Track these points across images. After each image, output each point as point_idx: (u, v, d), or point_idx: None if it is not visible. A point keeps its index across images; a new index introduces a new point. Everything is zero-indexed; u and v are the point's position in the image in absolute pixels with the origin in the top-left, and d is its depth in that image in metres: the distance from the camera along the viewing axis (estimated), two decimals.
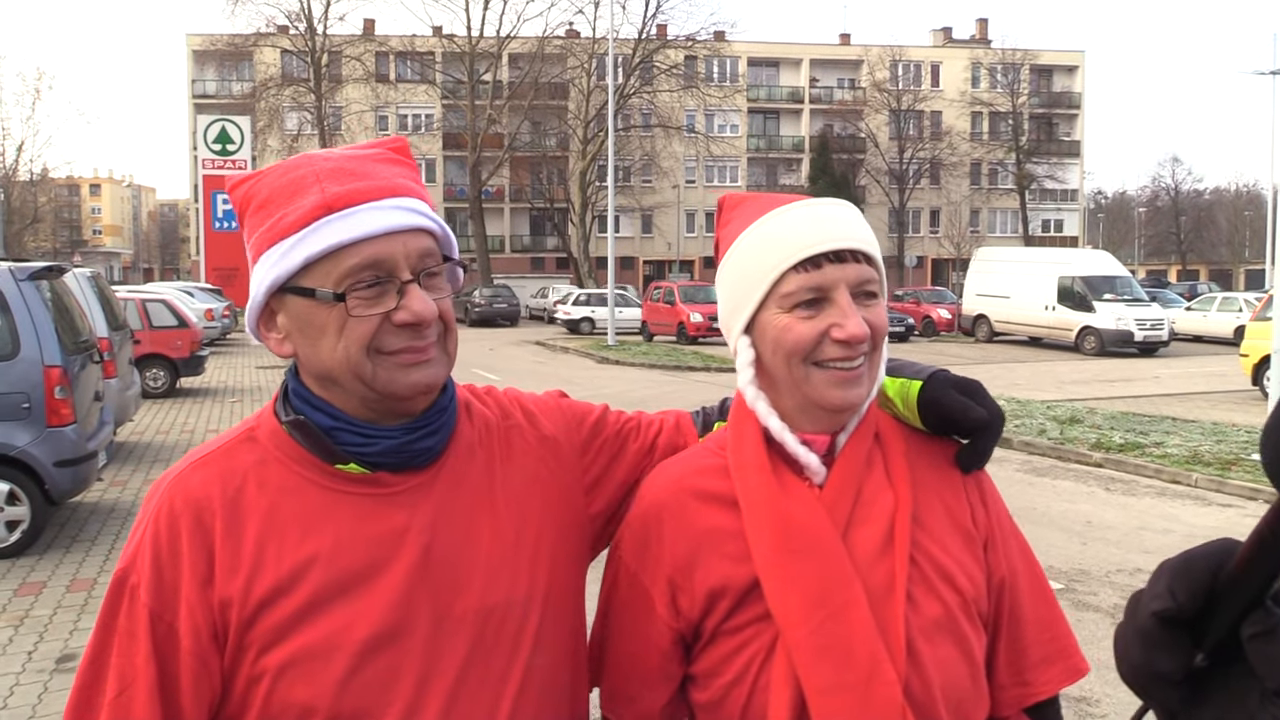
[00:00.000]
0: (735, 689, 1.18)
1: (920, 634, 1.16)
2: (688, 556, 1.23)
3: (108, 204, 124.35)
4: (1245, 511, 8.74)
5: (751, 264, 1.21)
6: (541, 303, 45.10)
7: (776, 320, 1.18)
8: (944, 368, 1.30)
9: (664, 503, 1.26)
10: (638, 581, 1.26)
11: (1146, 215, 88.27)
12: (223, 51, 52.84)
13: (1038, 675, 1.26)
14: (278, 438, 1.18)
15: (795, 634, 1.13)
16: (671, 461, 1.33)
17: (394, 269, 1.13)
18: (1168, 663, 0.77)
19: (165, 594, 1.10)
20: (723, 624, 1.20)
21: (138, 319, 15.46)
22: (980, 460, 1.28)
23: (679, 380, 20.01)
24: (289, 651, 1.10)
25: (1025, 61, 63.40)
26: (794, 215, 1.21)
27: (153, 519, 1.13)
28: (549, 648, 1.24)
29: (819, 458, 1.21)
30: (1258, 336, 15.53)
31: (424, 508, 1.18)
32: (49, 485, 7.06)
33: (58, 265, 8.57)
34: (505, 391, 1.38)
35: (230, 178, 1.23)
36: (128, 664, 1.09)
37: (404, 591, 1.14)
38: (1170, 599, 0.74)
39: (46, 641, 5.44)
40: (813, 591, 1.14)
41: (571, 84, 55.51)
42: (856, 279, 1.18)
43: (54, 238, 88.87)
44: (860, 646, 1.12)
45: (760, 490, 1.20)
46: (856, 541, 1.18)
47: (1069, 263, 28.98)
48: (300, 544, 1.13)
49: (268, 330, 1.19)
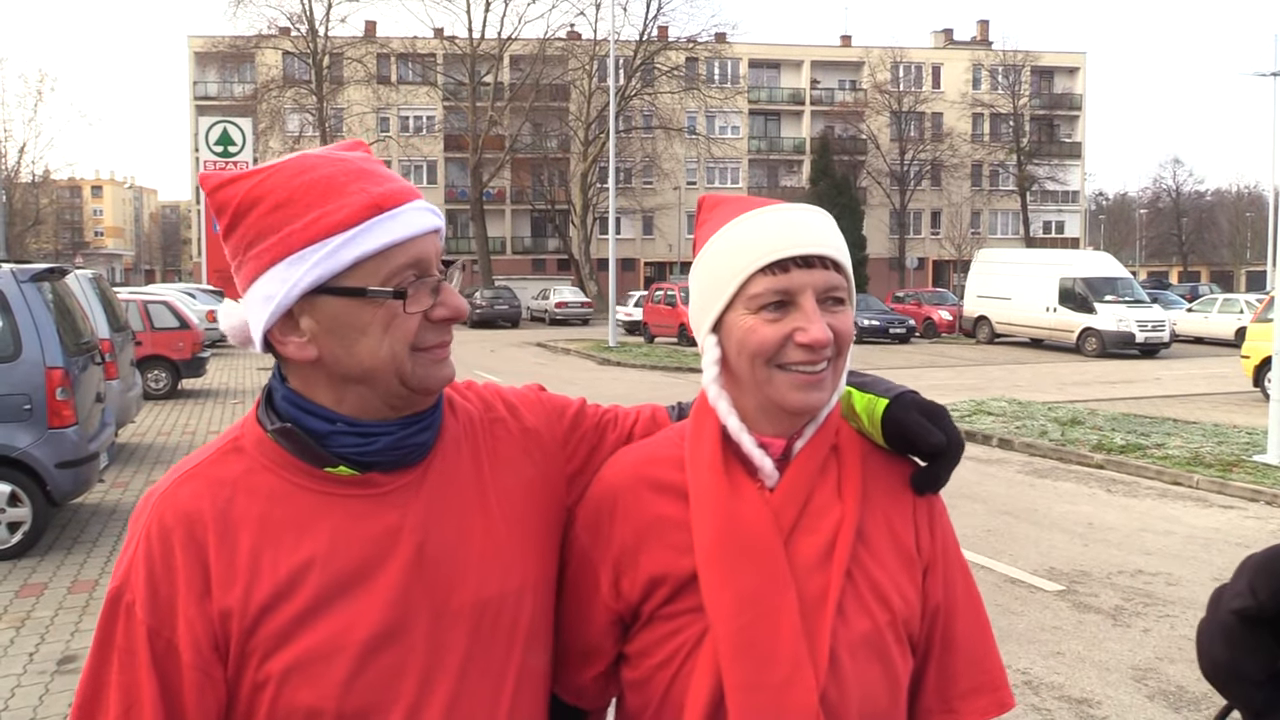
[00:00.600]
0: (661, 671, 1.22)
1: (845, 647, 1.19)
2: (634, 541, 1.26)
3: (109, 206, 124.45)
4: (1247, 513, 8.74)
5: (721, 265, 1.23)
6: (542, 304, 45.15)
7: (742, 321, 1.20)
8: (913, 390, 1.32)
9: (619, 486, 1.29)
10: (587, 559, 1.30)
11: (1148, 217, 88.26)
12: (224, 53, 52.84)
13: (965, 704, 1.28)
14: (264, 445, 1.18)
15: (723, 629, 1.16)
16: (632, 447, 1.36)
17: (429, 267, 1.15)
18: (1250, 663, 0.77)
19: (162, 610, 1.10)
20: (659, 609, 1.23)
21: (139, 320, 15.47)
22: (935, 485, 1.29)
23: (680, 381, 20.02)
24: (292, 656, 1.10)
25: (1026, 63, 63.34)
26: (765, 219, 1.23)
27: (144, 536, 1.13)
28: (542, 636, 1.27)
29: (774, 461, 1.24)
30: (1259, 338, 15.53)
31: (415, 505, 1.19)
32: (50, 487, 7.06)
33: (59, 267, 8.58)
34: (485, 385, 1.39)
35: (213, 177, 1.17)
36: (131, 682, 1.09)
37: (401, 589, 1.14)
38: (1251, 597, 0.73)
39: (48, 643, 5.44)
40: (746, 591, 1.17)
41: (573, 86, 55.51)
42: (823, 285, 1.19)
43: (56, 239, 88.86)
44: (783, 651, 1.15)
45: (710, 487, 1.22)
46: (798, 549, 1.20)
47: (1070, 264, 28.94)
48: (295, 549, 1.13)
49: (284, 336, 1.15)
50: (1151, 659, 5.34)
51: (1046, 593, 6.46)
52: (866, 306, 31.85)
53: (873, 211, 62.26)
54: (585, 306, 43.96)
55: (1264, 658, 0.75)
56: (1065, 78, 70.61)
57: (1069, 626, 5.84)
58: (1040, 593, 6.45)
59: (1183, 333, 30.47)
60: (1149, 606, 6.21)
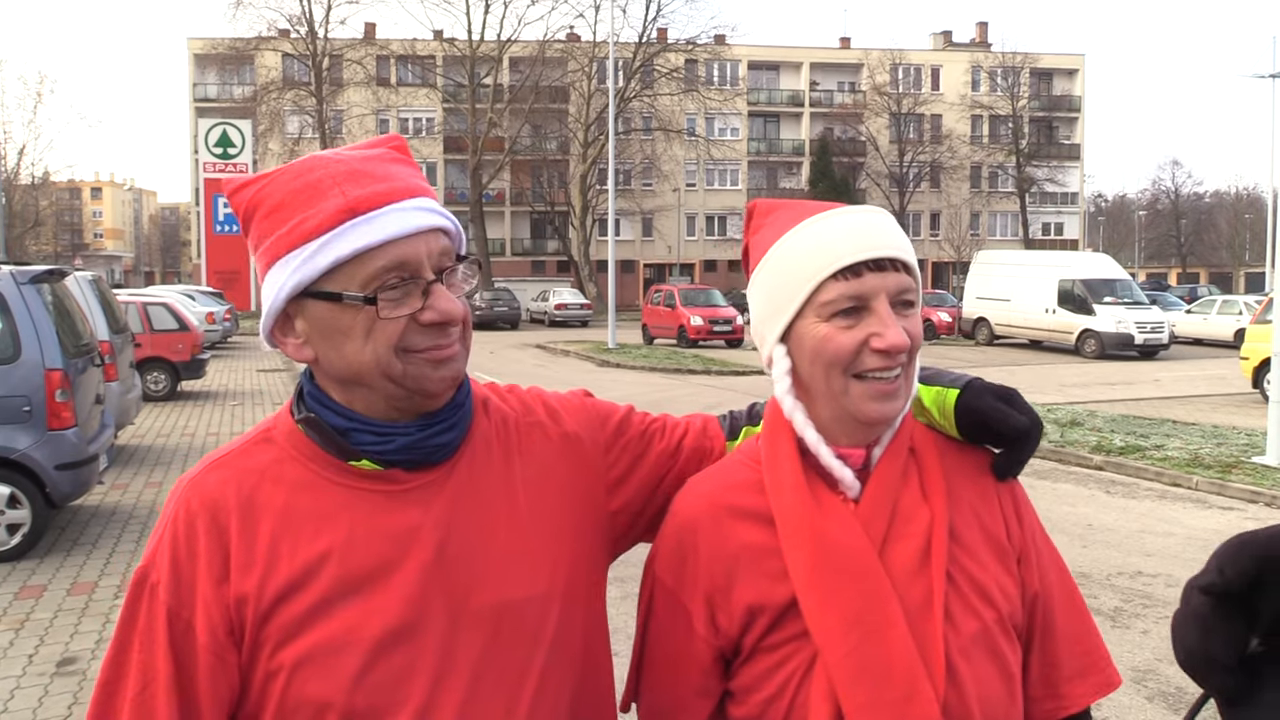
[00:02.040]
0: (774, 706, 1.18)
1: (958, 652, 1.16)
2: (725, 574, 1.22)
3: (109, 207, 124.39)
4: (1246, 514, 8.74)
5: (790, 271, 1.19)
6: (542, 306, 45.14)
7: (815, 329, 1.17)
8: (978, 376, 1.29)
9: (699, 519, 1.25)
10: (675, 599, 1.26)
11: (1147, 218, 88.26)
12: (224, 55, 52.94)
13: (1071, 689, 1.26)
14: (294, 437, 1.19)
15: (833, 653, 1.14)
16: (705, 475, 1.32)
17: (418, 269, 1.13)
18: (1221, 645, 0.78)
19: (183, 592, 1.12)
20: (761, 640, 1.20)
21: (139, 322, 15.47)
22: (1017, 468, 1.27)
23: (680, 383, 20.02)
24: (304, 647, 1.11)
25: (1025, 65, 63.43)
26: (833, 223, 1.20)
27: (171, 520, 1.16)
28: (570, 646, 1.24)
29: (854, 472, 1.21)
30: (1258, 339, 15.53)
31: (438, 504, 1.18)
32: (50, 488, 7.06)
33: (59, 269, 8.58)
34: (529, 389, 1.38)
35: (229, 181, 1.22)
36: (149, 660, 1.11)
37: (418, 588, 1.14)
38: (1217, 574, 0.74)
39: (47, 645, 5.44)
40: (850, 610, 1.14)
41: (572, 87, 55.57)
42: (896, 288, 1.17)
43: (55, 241, 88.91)
44: (898, 665, 1.12)
45: (796, 508, 1.19)
46: (893, 558, 1.18)
47: (1069, 266, 28.94)
48: (314, 540, 1.14)
49: (284, 336, 1.18)
50: (1151, 660, 5.34)
51: None
52: None
53: None
54: (585, 308, 43.98)
55: (1234, 640, 0.77)
56: (1064, 79, 70.67)
57: None
58: None
59: (1181, 334, 30.50)
60: (1148, 608, 6.21)
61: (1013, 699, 1.21)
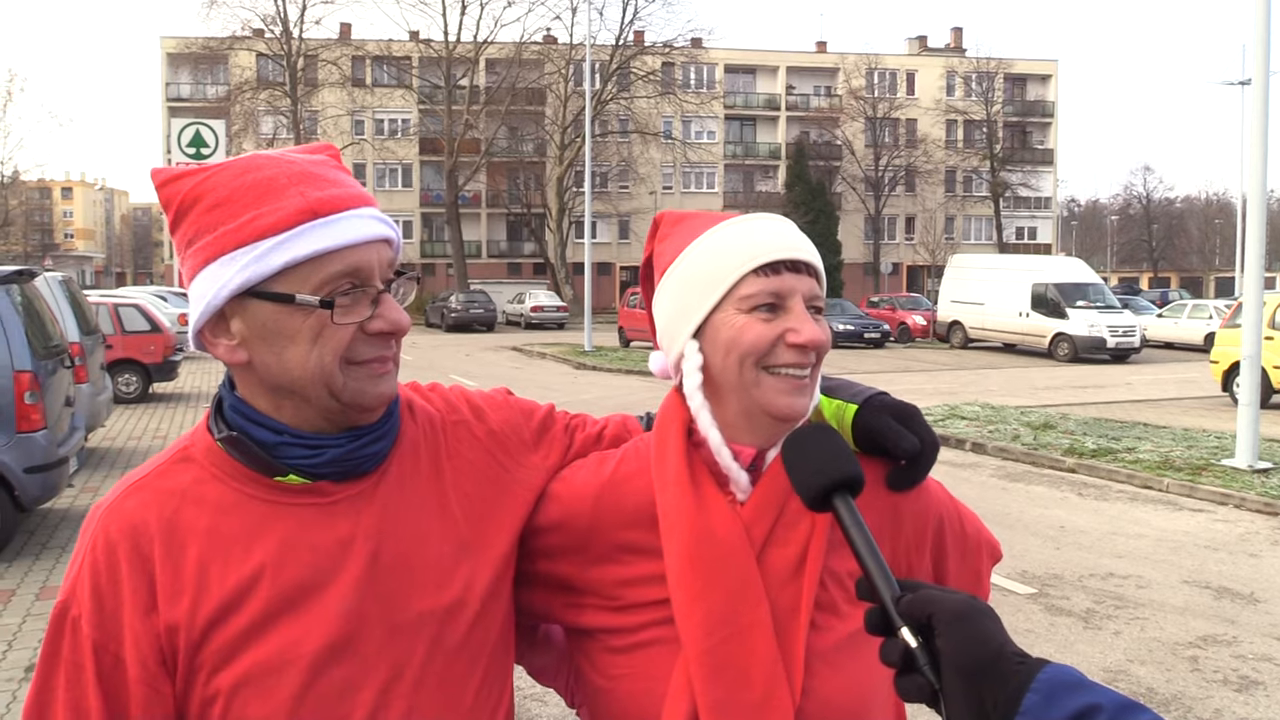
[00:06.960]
0: (634, 693, 1.20)
1: (820, 658, 1.17)
2: (603, 559, 1.25)
3: (80, 207, 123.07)
4: (1215, 516, 8.84)
5: (710, 266, 1.21)
6: (518, 308, 45.03)
7: (734, 320, 1.18)
8: (883, 391, 1.31)
9: (580, 508, 1.27)
10: (554, 570, 1.30)
11: (1119, 223, 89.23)
12: (197, 54, 52.43)
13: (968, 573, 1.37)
14: (214, 454, 1.15)
15: (693, 649, 1.15)
16: (585, 464, 1.32)
17: (369, 278, 1.11)
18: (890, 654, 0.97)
19: (108, 624, 1.08)
20: (634, 606, 1.22)
21: (110, 324, 15.32)
22: (910, 484, 1.28)
23: (657, 386, 20.02)
24: (241, 670, 1.08)
25: (999, 70, 63.89)
26: (754, 225, 1.24)
27: (90, 549, 1.11)
28: (510, 647, 1.25)
29: (746, 472, 1.22)
30: (1228, 343, 15.72)
31: (369, 513, 1.16)
32: (18, 492, 6.97)
33: (28, 269, 8.48)
34: (451, 387, 1.36)
35: (162, 172, 1.15)
36: (78, 697, 1.07)
37: (353, 601, 1.12)
38: None
39: (15, 650, 5.37)
40: (718, 609, 1.15)
41: (549, 90, 55.45)
42: (809, 292, 1.20)
43: (25, 241, 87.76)
44: (759, 668, 1.14)
45: (679, 504, 1.20)
46: (771, 562, 1.19)
47: (1042, 270, 29.21)
48: (244, 560, 1.10)
49: (215, 337, 1.12)
50: (1122, 661, 5.39)
51: (1019, 596, 6.51)
52: (841, 311, 31.99)
53: (847, 217, 62.60)
54: (561, 311, 43.90)
55: None
56: (1038, 85, 71.23)
57: (1041, 629, 5.89)
58: (1013, 596, 6.49)
59: (1153, 338, 30.83)
60: (1120, 609, 6.27)
61: (885, 703, 1.22)
